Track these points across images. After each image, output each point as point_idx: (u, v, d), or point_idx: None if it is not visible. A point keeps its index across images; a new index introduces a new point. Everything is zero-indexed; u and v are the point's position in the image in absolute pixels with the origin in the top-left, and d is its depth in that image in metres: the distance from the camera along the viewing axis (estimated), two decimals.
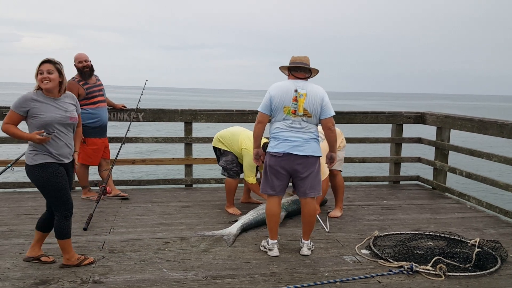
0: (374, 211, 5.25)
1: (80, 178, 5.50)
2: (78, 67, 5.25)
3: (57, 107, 3.37)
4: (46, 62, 3.32)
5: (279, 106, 3.73)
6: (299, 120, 3.71)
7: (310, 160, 3.73)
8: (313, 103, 3.69)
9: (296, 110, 3.69)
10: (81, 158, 5.36)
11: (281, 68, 3.90)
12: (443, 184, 6.32)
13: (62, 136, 3.38)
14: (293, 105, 3.70)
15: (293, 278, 3.41)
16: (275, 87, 3.78)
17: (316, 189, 3.82)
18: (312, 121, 3.73)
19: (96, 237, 4.16)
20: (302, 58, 3.79)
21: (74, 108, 3.51)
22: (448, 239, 4.22)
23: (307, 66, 3.77)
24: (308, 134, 3.74)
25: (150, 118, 6.13)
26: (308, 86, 3.74)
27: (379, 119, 6.77)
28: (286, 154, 3.71)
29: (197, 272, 3.45)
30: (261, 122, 3.85)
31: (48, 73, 3.30)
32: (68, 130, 3.44)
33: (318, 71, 3.86)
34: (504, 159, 5.20)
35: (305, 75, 3.81)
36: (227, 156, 4.94)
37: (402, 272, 3.51)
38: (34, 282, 3.23)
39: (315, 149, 3.76)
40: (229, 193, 5.03)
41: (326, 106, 3.73)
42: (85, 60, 5.26)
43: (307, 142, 3.72)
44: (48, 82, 3.31)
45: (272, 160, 3.78)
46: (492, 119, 5.55)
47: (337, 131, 4.97)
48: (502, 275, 3.54)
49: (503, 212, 5.14)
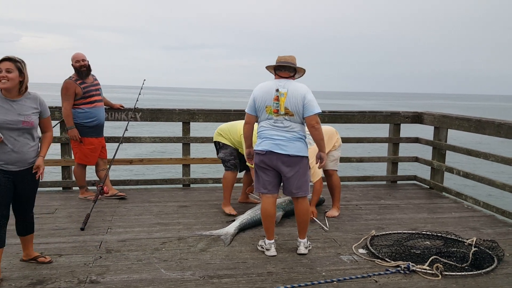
0: (371, 211, 5.26)
1: (77, 178, 5.50)
2: (75, 67, 5.25)
3: (9, 109, 3.12)
4: (5, 60, 3.11)
5: (261, 106, 3.76)
6: (281, 119, 3.72)
7: (294, 159, 3.72)
8: (294, 102, 3.68)
9: (278, 109, 3.70)
10: (78, 158, 5.36)
11: (268, 68, 3.92)
12: (441, 184, 6.33)
13: (10, 142, 3.12)
14: (274, 104, 3.70)
15: (290, 277, 3.42)
16: (258, 88, 3.82)
17: (303, 189, 3.81)
18: (295, 120, 3.72)
19: (93, 237, 4.16)
20: (287, 58, 3.81)
21: (33, 112, 3.22)
22: (445, 238, 4.23)
23: (291, 65, 3.77)
24: (292, 133, 3.73)
25: (148, 117, 6.13)
26: (289, 84, 3.73)
27: (376, 119, 6.78)
28: (269, 152, 3.72)
29: (194, 272, 3.45)
30: (248, 122, 3.91)
31: (6, 71, 3.08)
32: (21, 135, 3.17)
33: (304, 71, 3.87)
34: (501, 158, 5.21)
35: (289, 74, 3.82)
36: (226, 149, 4.96)
37: (399, 272, 3.51)
38: (31, 282, 3.23)
39: (299, 148, 3.74)
40: (226, 189, 4.99)
41: (308, 104, 3.68)
42: (82, 60, 5.26)
43: (290, 141, 3.71)
44: (6, 82, 3.08)
45: (257, 158, 3.82)
46: (489, 118, 5.57)
47: (331, 130, 4.97)
48: (499, 275, 3.55)
49: (500, 212, 5.15)
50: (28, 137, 3.22)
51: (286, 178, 3.80)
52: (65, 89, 5.19)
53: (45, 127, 3.40)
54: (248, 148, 4.01)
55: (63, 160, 5.96)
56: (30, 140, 3.23)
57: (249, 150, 4.00)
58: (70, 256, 3.70)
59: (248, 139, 3.97)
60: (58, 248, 3.88)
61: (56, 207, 5.08)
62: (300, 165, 3.77)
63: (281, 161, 3.73)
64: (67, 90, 5.18)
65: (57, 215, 4.80)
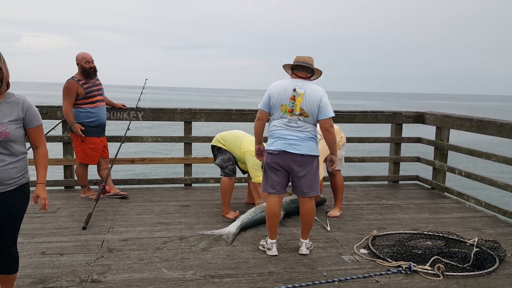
0: (373, 211, 5.26)
1: (79, 177, 5.51)
2: (85, 67, 5.29)
3: None
4: None
5: (276, 104, 3.74)
6: (296, 119, 3.72)
7: (307, 159, 3.73)
8: (311, 103, 3.68)
9: (293, 109, 3.70)
10: (80, 157, 5.37)
11: (285, 66, 3.92)
12: (442, 184, 6.32)
13: None
14: (290, 104, 3.70)
15: (291, 277, 3.42)
16: (275, 85, 3.81)
17: (314, 188, 3.82)
18: (309, 120, 3.73)
19: (95, 236, 4.17)
20: (305, 58, 3.80)
21: (11, 120, 2.59)
22: (447, 238, 4.22)
23: (309, 66, 3.77)
24: (305, 133, 3.73)
25: (150, 117, 6.13)
26: (307, 86, 3.74)
27: (378, 119, 6.77)
28: (282, 151, 3.72)
29: (195, 271, 3.46)
30: (260, 119, 3.89)
31: None
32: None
33: (321, 72, 3.87)
34: (503, 159, 5.20)
35: (307, 75, 3.82)
36: (224, 155, 4.88)
37: (400, 272, 3.51)
38: (33, 281, 3.24)
39: (312, 148, 3.75)
40: (225, 195, 4.86)
41: (324, 107, 3.70)
42: (92, 61, 5.32)
43: (303, 141, 3.72)
44: None
45: (269, 158, 3.81)
46: (491, 118, 5.56)
47: (335, 129, 4.95)
48: (500, 275, 3.55)
49: (502, 212, 5.15)
50: (7, 151, 2.58)
51: (298, 178, 3.79)
52: (67, 89, 5.20)
53: (35, 141, 2.74)
54: (258, 144, 4.00)
55: (65, 159, 5.98)
56: (5, 156, 2.57)
57: (259, 146, 4.00)
58: (71, 255, 3.70)
59: (259, 135, 3.95)
60: (60, 247, 3.89)
61: (58, 206, 5.09)
62: (312, 165, 3.78)
63: (294, 161, 3.73)
64: (69, 90, 5.19)
65: (59, 214, 4.81)
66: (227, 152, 4.89)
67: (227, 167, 4.86)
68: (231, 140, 4.87)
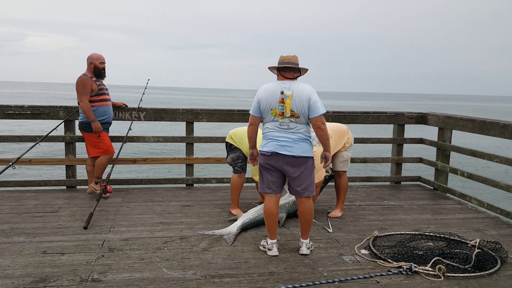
0: (374, 212, 5.25)
1: (100, 168, 5.52)
2: (99, 67, 5.46)
3: None
4: None
5: (266, 108, 3.74)
6: (287, 122, 3.70)
7: (300, 160, 3.72)
8: (300, 104, 3.66)
9: (283, 112, 3.68)
10: (105, 150, 5.49)
11: (270, 68, 3.90)
12: (445, 185, 6.31)
13: None
14: (279, 107, 3.69)
15: (291, 277, 3.41)
16: (263, 90, 3.79)
17: (309, 189, 3.82)
18: (300, 121, 3.71)
19: (96, 236, 4.17)
20: (290, 58, 3.76)
21: None
22: (448, 239, 4.21)
23: (296, 66, 3.75)
24: (297, 135, 3.72)
25: (152, 117, 6.14)
26: (294, 86, 3.71)
27: (380, 119, 6.76)
28: (274, 153, 3.72)
29: (196, 271, 3.46)
30: (252, 124, 3.90)
31: None
32: None
33: (307, 70, 3.85)
34: (506, 159, 5.18)
35: (294, 75, 3.79)
36: (235, 153, 4.92)
37: (401, 273, 3.50)
38: (34, 280, 3.24)
39: (305, 149, 3.74)
40: (234, 191, 4.93)
41: (313, 105, 3.67)
42: (105, 62, 5.52)
43: (295, 143, 3.71)
44: None
45: (262, 159, 3.83)
46: (494, 119, 5.54)
47: (343, 128, 4.93)
48: (502, 276, 3.53)
49: (504, 213, 5.13)
50: None
51: (292, 179, 3.79)
52: (83, 85, 5.30)
53: None
54: (251, 148, 4.01)
55: (67, 159, 5.99)
56: None
57: (252, 151, 4.01)
58: (72, 255, 3.71)
59: (252, 140, 3.96)
60: (61, 246, 3.89)
61: (59, 206, 5.10)
62: (306, 166, 3.77)
63: (286, 162, 3.73)
64: (84, 86, 5.30)
65: (61, 214, 4.82)
66: (237, 150, 4.92)
67: (236, 164, 4.90)
68: (241, 136, 4.90)
